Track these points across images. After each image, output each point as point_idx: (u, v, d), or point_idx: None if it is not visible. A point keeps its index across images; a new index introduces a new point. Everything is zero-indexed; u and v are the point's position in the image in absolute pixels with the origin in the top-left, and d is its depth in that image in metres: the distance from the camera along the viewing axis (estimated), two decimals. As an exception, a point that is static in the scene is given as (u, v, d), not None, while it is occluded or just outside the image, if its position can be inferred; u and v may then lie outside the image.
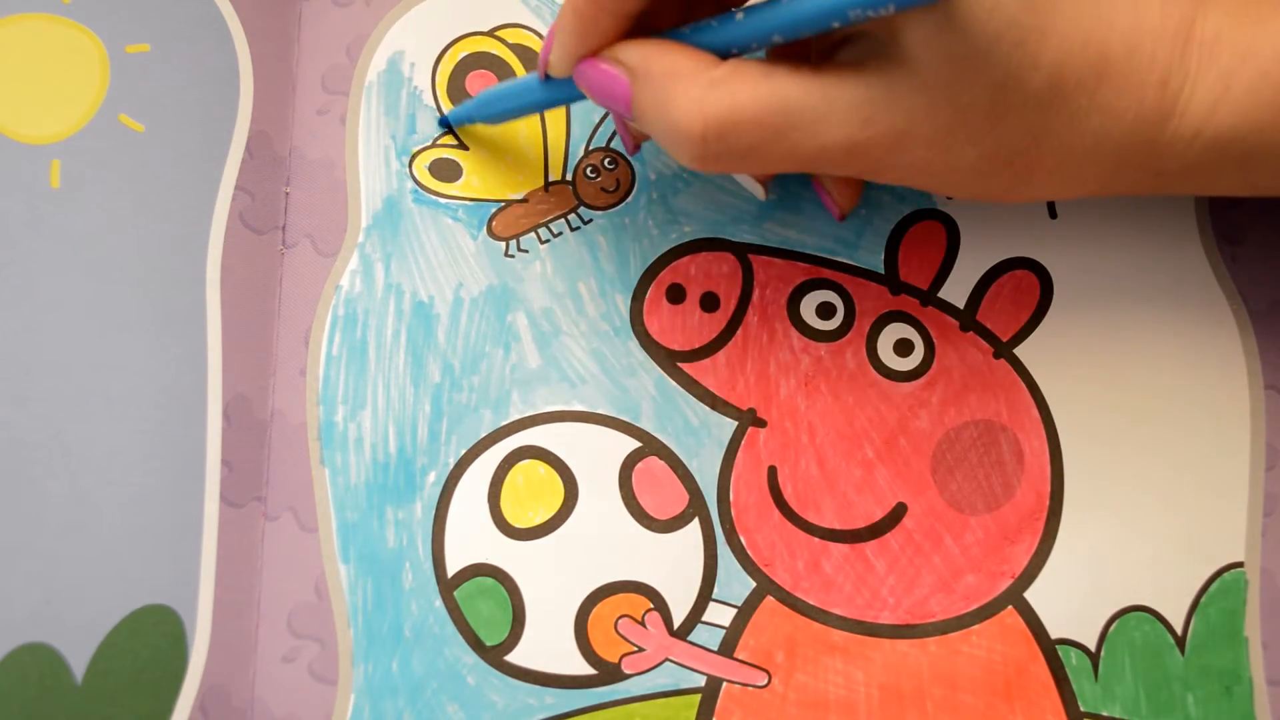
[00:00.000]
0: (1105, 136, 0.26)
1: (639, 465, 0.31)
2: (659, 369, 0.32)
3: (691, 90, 0.26)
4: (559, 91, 0.30)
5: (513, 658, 0.30)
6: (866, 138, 0.26)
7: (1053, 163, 0.27)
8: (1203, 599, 0.30)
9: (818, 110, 0.25)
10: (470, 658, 0.30)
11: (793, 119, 0.25)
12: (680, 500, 0.31)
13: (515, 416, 0.32)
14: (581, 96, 0.29)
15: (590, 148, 0.34)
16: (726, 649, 0.30)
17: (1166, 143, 0.26)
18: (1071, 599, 0.30)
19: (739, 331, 0.32)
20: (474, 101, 0.33)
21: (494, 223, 0.33)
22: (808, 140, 0.26)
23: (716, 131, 0.26)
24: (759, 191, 0.33)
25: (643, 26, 0.28)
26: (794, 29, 0.25)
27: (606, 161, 0.34)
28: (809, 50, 0.29)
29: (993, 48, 0.25)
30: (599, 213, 0.33)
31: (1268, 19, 0.26)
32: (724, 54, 0.27)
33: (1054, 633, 0.30)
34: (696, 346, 0.32)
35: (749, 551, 0.31)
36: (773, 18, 0.26)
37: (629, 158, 0.34)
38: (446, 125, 0.34)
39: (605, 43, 0.27)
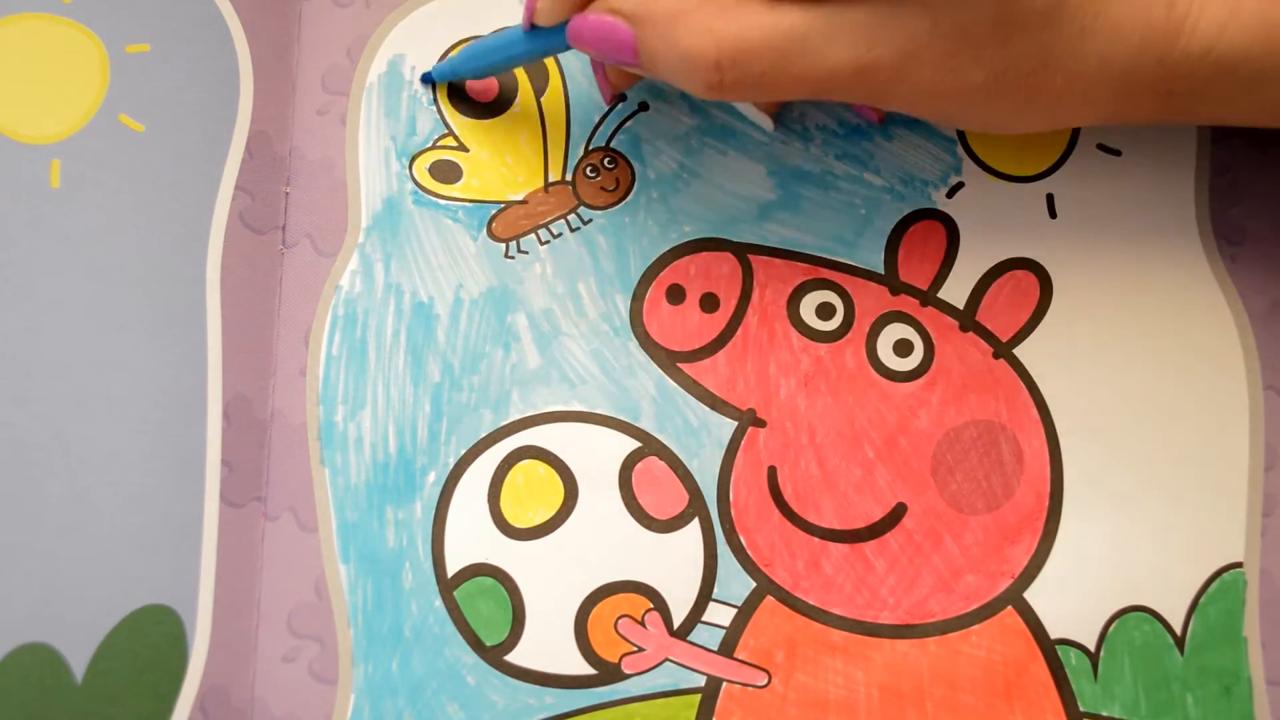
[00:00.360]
0: (1113, 57, 0.27)
1: (639, 465, 0.31)
2: (659, 369, 0.32)
3: (700, 21, 0.26)
4: (545, 42, 0.30)
5: (513, 658, 0.30)
6: (873, 59, 0.26)
7: (1061, 83, 0.27)
8: (1202, 599, 0.30)
9: (824, 33, 0.26)
10: (470, 658, 0.30)
11: (800, 43, 0.26)
12: (680, 500, 0.31)
13: (515, 416, 0.32)
14: (567, 47, 0.30)
15: (590, 148, 0.34)
16: (726, 649, 0.30)
17: (1175, 62, 0.27)
18: (1071, 599, 0.30)
19: (739, 332, 0.32)
20: (458, 56, 0.33)
21: (494, 224, 0.33)
22: (816, 64, 0.26)
23: (730, 58, 0.26)
24: (767, 123, 0.33)
25: None
26: None
27: (606, 161, 0.34)
28: None
29: None
30: (599, 212, 0.33)
31: None
32: None
33: (1053, 633, 0.30)
34: (696, 347, 0.32)
35: (749, 551, 0.31)
36: None
37: (628, 158, 0.34)
38: (429, 81, 0.34)
39: None
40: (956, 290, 0.33)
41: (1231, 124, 0.29)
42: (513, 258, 0.33)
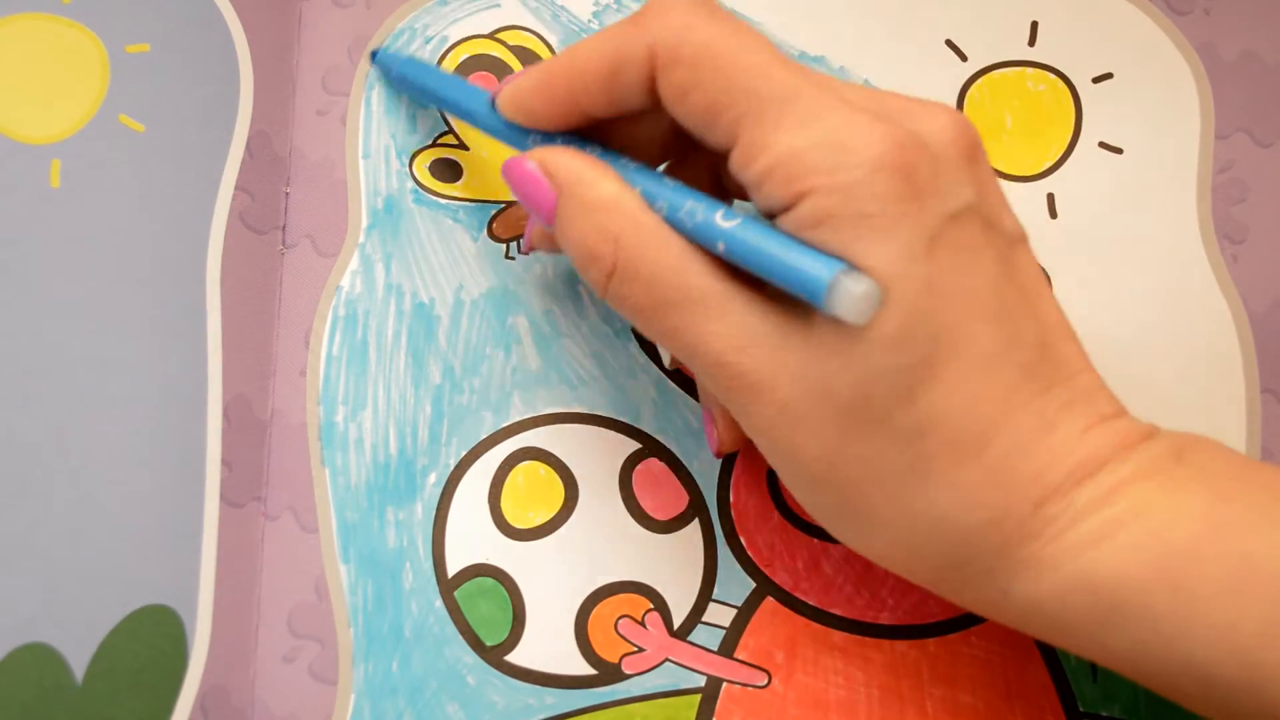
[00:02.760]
0: (952, 519, 0.24)
1: (639, 466, 0.31)
2: (659, 371, 0.32)
3: (610, 224, 0.25)
4: (493, 126, 0.29)
5: (513, 658, 0.30)
6: (737, 362, 0.24)
7: (887, 514, 0.24)
8: (1201, 600, 0.30)
9: (709, 305, 0.24)
10: (470, 658, 0.30)
11: (686, 302, 0.24)
12: (680, 501, 0.31)
13: (516, 418, 0.32)
14: (504, 135, 0.29)
15: (590, 149, 0.34)
16: (726, 649, 0.30)
17: (1018, 562, 0.24)
18: (1070, 600, 0.30)
19: (739, 332, 0.32)
20: (420, 66, 0.32)
21: (495, 224, 0.33)
22: (687, 332, 0.25)
23: (620, 276, 0.25)
24: (665, 357, 0.32)
25: (602, 132, 0.27)
26: (739, 263, 0.24)
27: (607, 162, 0.34)
28: None
29: (877, 383, 0.23)
30: (599, 213, 0.33)
31: (1182, 487, 0.23)
32: (653, 204, 0.25)
33: (1053, 633, 0.30)
34: (697, 347, 0.32)
35: (749, 552, 0.31)
36: (713, 233, 0.24)
37: None
38: (375, 60, 0.34)
39: (557, 113, 0.27)
40: (956, 291, 0.33)
41: (1069, 651, 0.27)
42: (513, 258, 0.33)
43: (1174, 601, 0.22)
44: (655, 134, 0.28)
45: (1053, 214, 0.33)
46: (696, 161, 0.29)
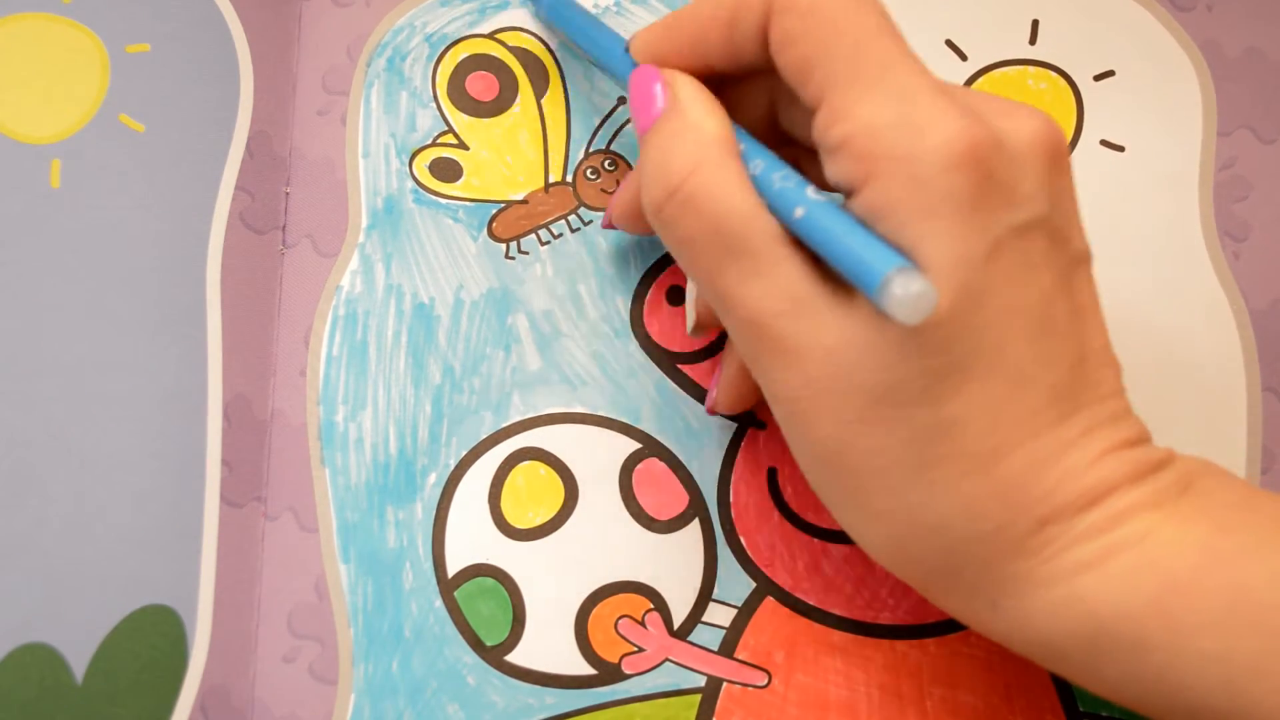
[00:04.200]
0: (949, 525, 0.23)
1: (639, 466, 0.31)
2: (659, 371, 0.32)
3: (699, 151, 0.25)
4: (623, 68, 0.29)
5: (513, 658, 0.30)
6: (774, 324, 0.24)
7: (887, 507, 0.24)
8: (1202, 600, 0.30)
9: (763, 261, 0.24)
10: (470, 658, 0.30)
11: (739, 249, 0.24)
12: (680, 501, 0.31)
13: (516, 418, 0.32)
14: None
15: (590, 149, 0.34)
16: (726, 649, 0.30)
17: (1009, 576, 0.24)
18: (1071, 600, 0.30)
19: (739, 332, 0.32)
20: (565, 7, 0.33)
21: (494, 224, 0.33)
22: (731, 281, 0.24)
23: (684, 197, 0.25)
24: (690, 321, 0.31)
25: (720, 93, 0.27)
26: (807, 235, 0.24)
27: (606, 163, 0.34)
28: None
29: (906, 379, 0.23)
30: (599, 214, 0.33)
31: (1185, 517, 0.23)
32: (748, 161, 0.26)
33: (1053, 633, 0.30)
34: (696, 348, 0.32)
35: (749, 552, 0.31)
36: (796, 198, 0.24)
37: (629, 160, 0.34)
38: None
39: (682, 59, 0.27)
40: (957, 290, 0.32)
41: (1059, 677, 0.27)
42: (513, 258, 0.33)
43: (1166, 631, 0.22)
44: (758, 112, 0.28)
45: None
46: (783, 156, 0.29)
